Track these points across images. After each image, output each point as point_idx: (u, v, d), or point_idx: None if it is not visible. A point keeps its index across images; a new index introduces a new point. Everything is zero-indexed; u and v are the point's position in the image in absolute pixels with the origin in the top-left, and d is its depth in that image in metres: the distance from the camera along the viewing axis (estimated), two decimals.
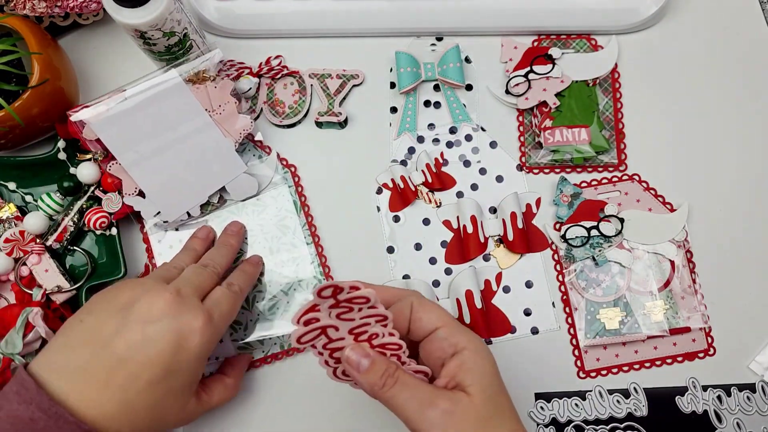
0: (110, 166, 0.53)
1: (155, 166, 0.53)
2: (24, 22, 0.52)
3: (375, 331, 0.39)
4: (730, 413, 0.55)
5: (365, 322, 0.39)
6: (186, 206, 0.55)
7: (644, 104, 0.60)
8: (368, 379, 0.39)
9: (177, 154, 0.54)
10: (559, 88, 0.59)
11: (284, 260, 0.56)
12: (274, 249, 0.56)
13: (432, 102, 0.60)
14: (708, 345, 0.56)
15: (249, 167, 0.56)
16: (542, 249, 0.57)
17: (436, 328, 0.41)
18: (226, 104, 0.55)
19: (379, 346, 0.40)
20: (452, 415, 0.37)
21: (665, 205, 0.58)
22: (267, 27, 0.60)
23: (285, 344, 0.55)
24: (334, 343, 0.40)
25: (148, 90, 0.53)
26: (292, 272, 0.56)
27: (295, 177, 0.58)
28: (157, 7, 0.48)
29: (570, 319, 0.56)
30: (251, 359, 0.54)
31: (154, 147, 0.54)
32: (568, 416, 0.55)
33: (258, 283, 0.55)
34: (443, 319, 0.41)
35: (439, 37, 0.61)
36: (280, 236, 0.56)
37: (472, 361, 0.39)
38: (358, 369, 0.39)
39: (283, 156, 0.58)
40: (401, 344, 0.40)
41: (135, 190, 0.54)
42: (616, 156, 0.59)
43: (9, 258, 0.53)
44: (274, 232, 0.56)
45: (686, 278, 0.56)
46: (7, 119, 0.51)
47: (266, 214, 0.57)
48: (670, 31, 0.62)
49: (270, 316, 0.54)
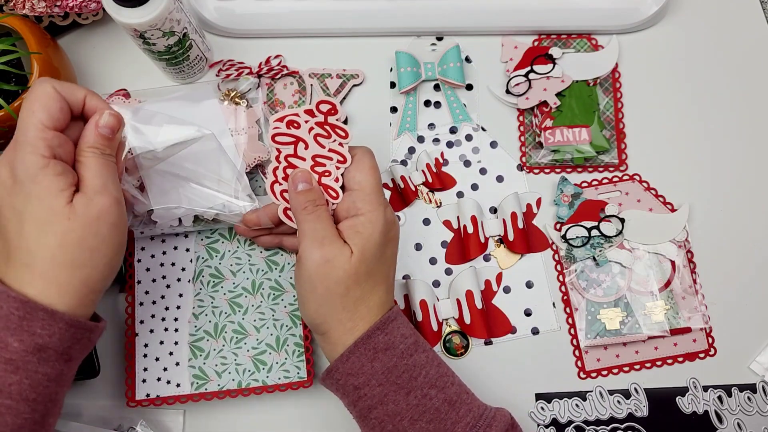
0: (126, 154, 0.53)
1: (164, 166, 0.53)
2: (23, 22, 0.52)
3: (329, 169, 0.47)
4: (731, 414, 0.55)
5: (329, 156, 0.46)
6: (180, 212, 0.53)
7: (645, 104, 0.60)
8: (298, 198, 0.46)
9: (188, 161, 0.53)
10: (559, 88, 0.58)
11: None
12: (257, 285, 0.55)
13: (432, 102, 0.60)
14: (709, 345, 0.56)
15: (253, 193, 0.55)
16: (543, 249, 0.57)
17: (354, 190, 0.47)
18: (250, 128, 0.55)
19: (323, 185, 0.47)
20: (328, 262, 0.43)
21: (666, 205, 0.58)
22: (267, 27, 0.60)
23: (242, 383, 0.53)
24: (295, 159, 0.47)
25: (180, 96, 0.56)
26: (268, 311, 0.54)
27: None
28: (157, 7, 0.48)
29: (570, 319, 0.56)
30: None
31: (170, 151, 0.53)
32: (568, 417, 0.54)
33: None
34: (362, 184, 0.46)
35: (439, 37, 0.61)
36: (267, 272, 0.55)
37: (363, 226, 0.45)
38: (296, 187, 0.46)
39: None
40: (339, 193, 0.47)
41: (137, 182, 0.53)
42: (617, 156, 0.58)
43: None
44: (261, 265, 0.55)
45: (687, 278, 0.56)
46: (7, 119, 0.51)
47: (257, 246, 0.55)
48: (671, 31, 0.62)
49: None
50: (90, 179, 0.41)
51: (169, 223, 0.54)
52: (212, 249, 0.55)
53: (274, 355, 0.53)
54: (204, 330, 0.54)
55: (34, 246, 0.39)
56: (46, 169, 0.39)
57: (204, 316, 0.54)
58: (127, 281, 0.55)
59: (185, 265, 0.55)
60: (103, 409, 0.54)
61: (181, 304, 0.54)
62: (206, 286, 0.55)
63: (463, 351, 0.55)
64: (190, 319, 0.54)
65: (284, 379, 0.53)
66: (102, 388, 0.55)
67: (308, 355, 0.53)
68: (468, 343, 0.55)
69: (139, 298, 0.54)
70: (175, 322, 0.54)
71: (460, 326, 0.55)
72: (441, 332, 0.55)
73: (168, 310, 0.54)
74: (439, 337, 0.55)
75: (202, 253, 0.55)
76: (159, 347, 0.53)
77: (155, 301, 0.54)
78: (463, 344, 0.55)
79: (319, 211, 0.46)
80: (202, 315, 0.54)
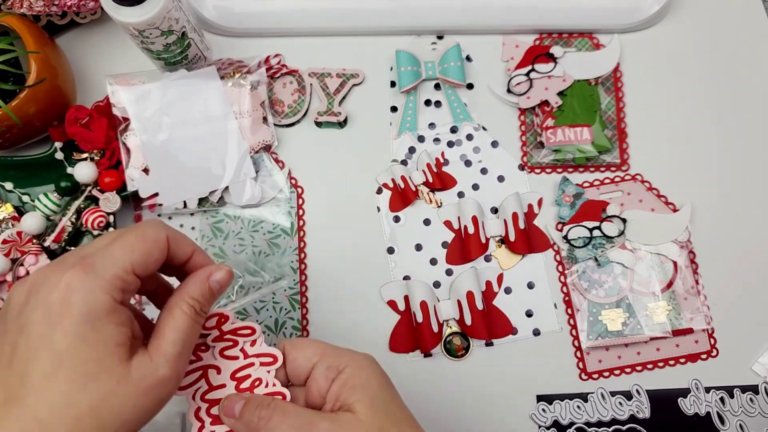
0: (126, 135, 0.54)
1: (168, 149, 0.54)
2: (21, 21, 0.52)
3: (259, 375, 0.38)
4: (733, 415, 0.54)
5: (250, 363, 0.37)
6: (185, 195, 0.55)
7: (646, 103, 0.60)
8: (245, 420, 0.36)
9: (192, 144, 0.55)
10: (560, 87, 0.58)
11: (265, 280, 0.55)
12: (259, 266, 0.55)
13: (433, 101, 0.60)
14: (711, 346, 0.55)
15: (257, 176, 0.56)
16: (544, 249, 0.57)
17: (314, 363, 0.38)
18: (254, 111, 0.56)
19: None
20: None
21: (668, 205, 0.57)
22: (266, 25, 0.60)
23: None
24: (214, 393, 0.37)
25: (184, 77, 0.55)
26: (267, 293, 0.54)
27: (300, 199, 0.57)
28: (155, 6, 0.48)
29: (572, 320, 0.56)
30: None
31: (173, 130, 0.54)
32: (570, 418, 0.54)
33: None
34: (320, 351, 0.38)
35: (439, 36, 0.61)
36: (268, 253, 0.55)
37: (355, 377, 0.37)
38: (235, 415, 0.36)
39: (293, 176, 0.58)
40: (285, 393, 0.38)
41: (141, 166, 0.54)
42: (619, 156, 0.58)
43: (6, 259, 0.52)
44: (263, 247, 0.56)
45: (689, 279, 0.56)
46: (4, 118, 0.50)
47: (261, 227, 0.56)
48: (672, 30, 0.61)
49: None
50: (168, 342, 0.34)
51: (174, 206, 0.54)
52: (217, 228, 0.56)
53: (272, 338, 0.53)
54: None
55: (59, 399, 0.31)
56: (112, 315, 0.32)
57: None
58: None
59: None
60: None
61: None
62: None
63: (463, 352, 0.55)
64: None
65: None
66: None
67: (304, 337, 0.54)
68: (469, 345, 0.55)
69: None
70: None
71: (460, 327, 0.55)
72: (441, 333, 0.55)
73: None
74: (440, 338, 0.55)
75: (207, 232, 0.56)
76: None
77: None
78: (464, 345, 0.55)
79: (277, 405, 0.36)
80: None
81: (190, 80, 0.56)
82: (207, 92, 0.56)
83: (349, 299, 0.56)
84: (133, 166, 0.54)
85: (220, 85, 0.56)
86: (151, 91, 0.55)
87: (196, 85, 0.56)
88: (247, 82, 0.56)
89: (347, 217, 0.57)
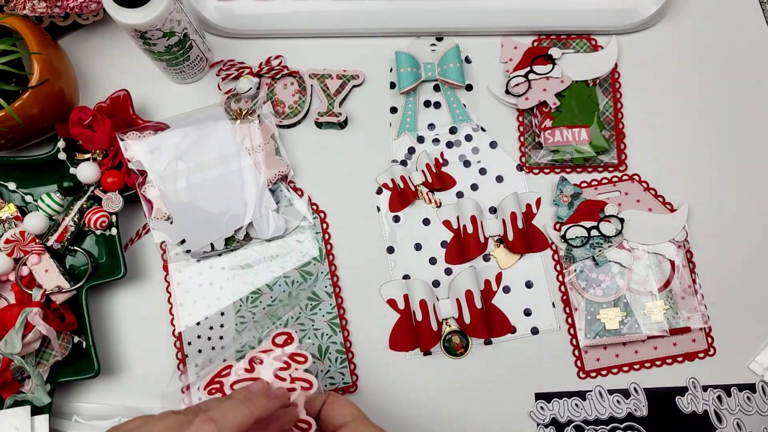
0: (145, 188, 0.54)
1: (188, 195, 0.54)
2: (24, 22, 0.52)
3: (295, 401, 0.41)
4: (730, 413, 0.55)
5: (292, 387, 0.41)
6: (211, 237, 0.54)
7: (644, 104, 0.60)
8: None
9: (211, 186, 0.55)
10: (559, 88, 0.58)
11: (302, 307, 0.56)
12: (293, 294, 0.55)
13: (432, 102, 0.60)
14: (708, 345, 0.56)
15: (279, 208, 0.56)
16: (542, 249, 0.57)
17: (347, 421, 0.42)
18: (265, 145, 0.56)
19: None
20: None
21: (665, 205, 0.58)
22: (267, 27, 0.60)
23: None
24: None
25: (193, 121, 0.55)
26: (307, 322, 0.55)
27: (323, 224, 0.57)
28: (157, 7, 0.48)
29: (570, 319, 0.56)
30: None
31: (190, 176, 0.54)
32: (568, 416, 0.55)
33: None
34: (354, 414, 0.42)
35: (439, 37, 0.61)
36: (301, 282, 0.56)
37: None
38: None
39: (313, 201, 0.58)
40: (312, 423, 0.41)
41: (164, 215, 0.54)
42: (616, 156, 0.59)
43: (9, 258, 0.53)
44: (295, 276, 0.56)
45: (686, 278, 0.56)
46: (7, 119, 0.51)
47: (290, 258, 0.56)
48: (670, 31, 0.62)
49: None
50: None
51: (203, 250, 0.55)
52: (246, 265, 0.56)
53: (318, 364, 0.54)
54: (249, 346, 0.54)
55: None
56: None
57: (247, 331, 0.55)
58: (169, 304, 0.56)
59: (222, 284, 0.56)
60: (102, 409, 0.54)
61: (224, 323, 0.55)
62: (245, 302, 0.55)
63: (462, 351, 0.55)
64: (234, 336, 0.55)
65: (330, 386, 0.54)
66: (101, 388, 0.55)
67: (350, 360, 0.54)
68: (468, 343, 0.55)
69: (182, 320, 0.55)
70: (220, 341, 0.55)
71: (459, 326, 0.55)
72: (441, 332, 0.55)
73: (212, 329, 0.55)
74: (439, 336, 0.55)
75: (237, 269, 0.56)
76: (209, 367, 0.54)
77: (199, 322, 0.55)
78: (463, 344, 0.55)
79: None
80: (245, 331, 0.55)
81: (199, 122, 0.56)
82: (217, 131, 0.55)
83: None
84: (155, 217, 0.54)
85: (228, 122, 0.56)
86: (162, 140, 0.54)
87: (205, 127, 0.55)
88: (255, 117, 0.56)
89: (347, 216, 0.58)
